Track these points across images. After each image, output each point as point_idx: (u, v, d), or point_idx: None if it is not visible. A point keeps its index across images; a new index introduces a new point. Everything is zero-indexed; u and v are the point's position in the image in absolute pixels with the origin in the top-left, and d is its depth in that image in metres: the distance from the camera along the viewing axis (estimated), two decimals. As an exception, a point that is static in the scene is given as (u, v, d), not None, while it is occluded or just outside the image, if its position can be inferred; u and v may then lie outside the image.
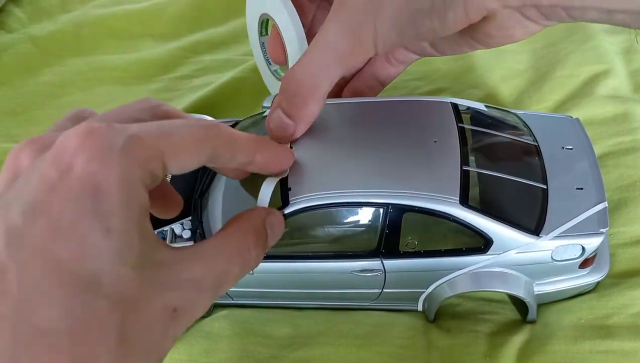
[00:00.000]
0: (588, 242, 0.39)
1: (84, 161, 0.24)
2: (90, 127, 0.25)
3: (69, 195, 0.24)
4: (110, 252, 0.24)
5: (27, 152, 0.27)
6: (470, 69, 0.63)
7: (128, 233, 0.25)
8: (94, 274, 0.24)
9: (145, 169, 0.26)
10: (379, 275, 0.41)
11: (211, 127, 0.30)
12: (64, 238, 0.24)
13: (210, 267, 0.28)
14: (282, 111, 0.38)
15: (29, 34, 0.77)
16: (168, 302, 0.26)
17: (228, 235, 0.31)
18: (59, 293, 0.23)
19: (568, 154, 0.44)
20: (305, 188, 0.39)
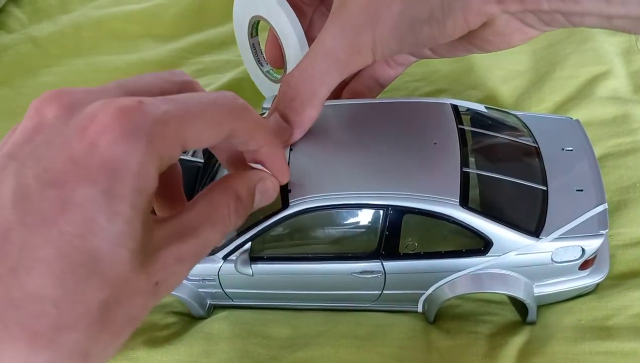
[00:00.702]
0: (588, 243, 0.39)
1: (109, 141, 0.25)
2: (122, 105, 0.26)
3: (87, 172, 0.25)
4: (113, 234, 0.25)
5: (54, 105, 0.27)
6: (470, 70, 0.63)
7: (132, 219, 0.25)
8: (94, 252, 0.24)
9: (165, 156, 0.27)
10: (379, 276, 0.41)
11: (235, 107, 0.30)
12: (71, 213, 0.24)
13: (195, 242, 0.29)
14: (280, 115, 0.38)
15: (29, 34, 0.77)
16: (151, 278, 0.27)
17: (212, 201, 0.31)
18: (56, 264, 0.24)
19: (568, 156, 0.44)
20: (305, 190, 0.39)
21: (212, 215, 0.31)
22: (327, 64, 0.36)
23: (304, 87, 0.37)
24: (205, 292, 0.45)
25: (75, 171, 0.25)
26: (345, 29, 0.35)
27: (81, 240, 0.24)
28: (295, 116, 0.38)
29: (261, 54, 0.50)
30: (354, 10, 0.35)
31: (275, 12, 0.43)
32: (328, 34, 0.36)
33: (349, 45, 0.35)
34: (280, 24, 0.44)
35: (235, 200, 0.32)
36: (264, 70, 0.50)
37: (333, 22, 0.36)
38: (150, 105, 0.26)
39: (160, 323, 0.48)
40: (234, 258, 0.41)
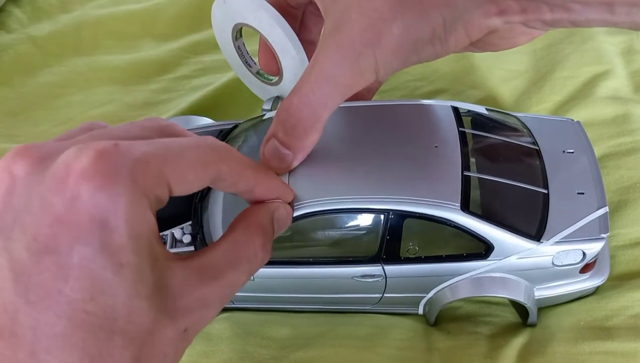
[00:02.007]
0: (589, 247, 0.39)
1: (90, 191, 0.24)
2: (98, 148, 0.24)
3: (77, 230, 0.24)
4: (123, 288, 0.24)
5: (23, 163, 0.25)
6: (470, 70, 0.63)
7: (139, 265, 0.24)
8: (108, 311, 0.24)
9: (151, 195, 0.25)
10: (379, 280, 0.41)
11: (219, 149, 0.30)
12: (74, 277, 0.23)
13: (220, 283, 0.28)
14: (279, 141, 0.37)
15: (29, 34, 0.77)
16: (179, 326, 0.26)
17: (236, 240, 0.31)
18: (73, 335, 0.23)
19: (569, 158, 0.44)
20: (306, 195, 0.39)
21: (237, 256, 0.30)
22: (329, 89, 0.36)
23: (305, 113, 0.36)
24: (207, 294, 0.45)
25: (65, 232, 0.24)
26: (345, 52, 0.34)
27: (92, 303, 0.23)
28: (297, 142, 0.37)
29: (248, 55, 0.49)
30: (352, 33, 0.34)
31: (267, 23, 0.42)
32: (327, 59, 0.35)
33: (350, 69, 0.35)
34: (274, 35, 0.43)
35: (262, 236, 0.32)
36: (253, 71, 0.49)
37: (330, 46, 0.35)
38: (128, 146, 0.25)
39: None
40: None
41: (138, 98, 0.68)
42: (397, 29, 0.33)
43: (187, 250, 0.44)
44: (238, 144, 0.47)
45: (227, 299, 0.30)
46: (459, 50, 0.35)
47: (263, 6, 0.42)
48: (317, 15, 0.45)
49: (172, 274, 0.26)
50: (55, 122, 0.66)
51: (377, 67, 0.35)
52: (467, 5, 0.32)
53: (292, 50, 0.43)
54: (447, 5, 0.32)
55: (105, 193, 0.24)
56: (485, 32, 0.34)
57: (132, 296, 0.24)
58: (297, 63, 0.44)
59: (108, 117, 0.65)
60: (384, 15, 0.33)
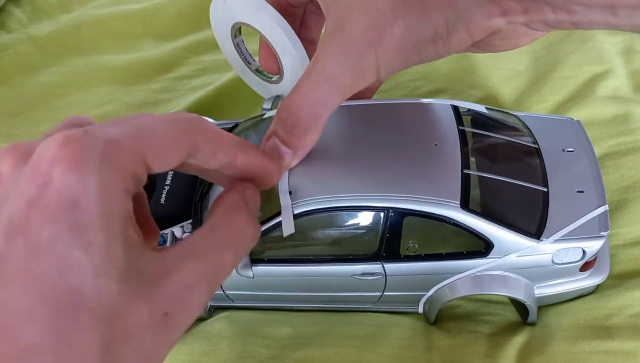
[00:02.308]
0: (589, 245, 0.39)
1: (60, 174, 0.24)
2: (66, 135, 0.25)
3: (47, 211, 0.24)
4: (91, 266, 0.24)
5: (9, 160, 0.26)
6: (470, 70, 0.63)
7: (109, 245, 0.24)
8: (76, 289, 0.23)
9: (126, 174, 0.25)
10: (379, 278, 0.41)
11: (192, 120, 0.29)
12: (43, 256, 0.23)
13: (200, 265, 0.28)
14: (279, 140, 0.37)
15: (29, 34, 0.77)
16: (157, 309, 0.25)
17: (216, 223, 0.30)
18: (41, 311, 0.23)
19: (569, 156, 0.44)
20: (305, 193, 0.39)
21: (218, 236, 0.30)
22: (330, 89, 0.35)
23: (306, 112, 0.36)
24: (206, 293, 0.45)
25: (36, 213, 0.24)
26: (346, 52, 0.34)
27: (60, 280, 0.23)
28: (297, 141, 0.37)
29: (247, 52, 0.49)
30: (353, 32, 0.34)
31: (267, 25, 0.42)
32: (328, 58, 0.35)
33: (352, 69, 0.35)
34: (274, 35, 0.43)
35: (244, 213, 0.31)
36: (252, 68, 0.49)
37: (331, 45, 0.35)
38: (97, 129, 0.26)
39: (161, 324, 0.48)
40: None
41: (138, 98, 0.68)
42: (399, 29, 0.33)
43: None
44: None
45: (213, 282, 0.28)
46: (461, 50, 0.35)
47: (263, 7, 0.42)
48: (317, 14, 0.45)
49: (148, 257, 0.26)
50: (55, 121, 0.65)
51: (378, 67, 0.35)
52: (469, 6, 0.32)
53: (293, 50, 0.43)
54: (449, 6, 0.32)
55: (75, 174, 0.24)
56: (488, 33, 0.34)
57: (100, 275, 0.24)
58: (298, 62, 0.44)
59: (108, 117, 0.65)
60: (386, 15, 0.33)
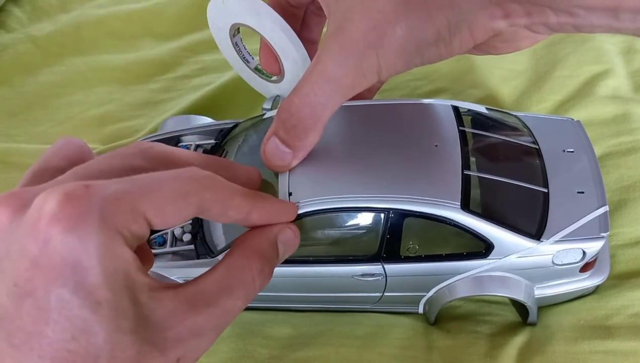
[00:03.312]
0: (589, 246, 0.39)
1: (60, 233, 0.24)
2: (66, 191, 0.25)
3: (52, 273, 0.24)
4: (102, 325, 0.24)
5: (7, 209, 0.26)
6: (470, 70, 0.63)
7: (118, 301, 0.25)
8: (90, 349, 0.24)
9: (126, 232, 0.25)
10: (379, 279, 0.41)
11: (201, 179, 0.29)
12: (53, 319, 0.24)
13: (213, 310, 0.28)
14: (280, 140, 0.37)
15: (29, 33, 0.77)
16: (170, 356, 0.26)
17: (232, 266, 0.30)
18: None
19: (569, 157, 0.44)
20: (305, 193, 0.39)
21: (231, 282, 0.30)
22: (331, 90, 0.35)
23: (306, 113, 0.36)
24: (207, 293, 0.45)
25: (41, 275, 0.24)
26: (347, 53, 0.34)
27: (74, 342, 0.24)
28: (297, 141, 0.37)
29: (245, 50, 0.49)
30: (354, 34, 0.34)
31: (269, 27, 0.42)
32: (329, 59, 0.35)
33: (353, 70, 0.35)
34: (275, 38, 0.43)
35: (259, 261, 0.31)
36: (251, 66, 0.49)
37: (332, 46, 0.35)
38: (98, 186, 0.25)
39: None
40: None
41: (138, 98, 0.68)
42: (400, 31, 0.33)
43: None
44: (238, 143, 0.47)
45: (222, 327, 0.29)
46: (462, 52, 0.35)
47: (264, 10, 0.42)
48: (318, 15, 0.45)
49: (159, 304, 0.26)
50: (55, 121, 0.66)
51: (379, 68, 0.35)
52: (471, 8, 0.32)
53: (294, 52, 0.43)
54: (451, 7, 0.32)
55: (75, 235, 0.24)
56: (490, 35, 0.34)
57: (112, 331, 0.24)
58: (299, 64, 0.44)
59: (108, 116, 0.65)
60: (388, 16, 0.33)
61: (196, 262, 0.43)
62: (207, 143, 0.50)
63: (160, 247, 0.44)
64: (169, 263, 0.43)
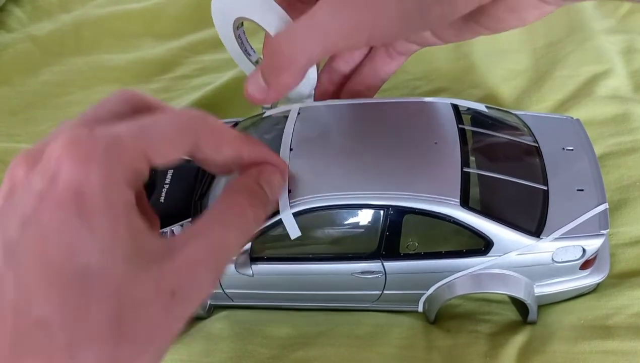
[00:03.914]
0: (589, 243, 0.39)
1: (67, 169, 0.26)
2: (72, 135, 0.27)
3: (55, 201, 0.26)
4: (97, 247, 0.25)
5: (23, 166, 0.28)
6: (470, 69, 0.63)
7: (114, 229, 0.26)
8: (84, 269, 0.25)
9: (128, 168, 0.27)
10: (379, 276, 0.41)
11: (195, 116, 0.31)
12: (53, 241, 0.25)
13: (205, 243, 0.29)
14: (262, 74, 0.38)
15: (29, 33, 0.77)
16: (164, 287, 0.27)
17: (220, 203, 0.32)
18: (53, 289, 0.25)
19: (569, 155, 0.44)
20: (305, 191, 0.39)
21: (223, 216, 0.31)
22: (312, 34, 0.35)
23: (283, 50, 0.36)
24: (206, 292, 0.45)
25: (46, 206, 0.26)
26: (342, 6, 0.34)
27: (68, 261, 0.25)
28: (272, 78, 0.38)
29: (247, 44, 0.49)
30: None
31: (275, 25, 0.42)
32: (321, 9, 0.34)
33: (343, 22, 0.34)
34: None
35: (248, 195, 0.32)
36: (252, 60, 0.49)
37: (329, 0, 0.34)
38: (101, 128, 0.27)
39: (161, 323, 0.48)
40: (234, 259, 0.41)
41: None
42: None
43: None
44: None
45: (219, 260, 0.30)
46: (467, 10, 0.33)
47: (271, 6, 0.41)
48: None
49: (154, 238, 0.28)
50: (55, 121, 0.66)
51: (373, 27, 0.34)
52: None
53: None
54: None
55: (80, 168, 0.26)
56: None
57: (105, 254, 0.25)
58: None
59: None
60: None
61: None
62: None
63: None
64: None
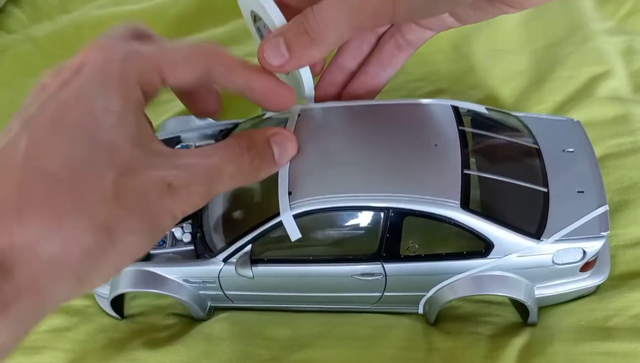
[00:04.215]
0: (589, 245, 0.39)
1: (93, 60, 0.30)
2: (96, 42, 0.32)
3: (77, 81, 0.30)
4: (109, 122, 0.29)
5: (50, 73, 0.32)
6: (470, 70, 0.63)
7: (124, 114, 0.30)
8: (95, 136, 0.29)
9: (142, 76, 0.31)
10: (379, 278, 0.41)
11: (209, 45, 0.34)
12: (71, 107, 0.29)
13: (203, 159, 0.32)
14: (284, 40, 0.37)
15: (29, 34, 0.77)
16: (162, 176, 0.30)
17: (224, 141, 0.35)
18: (63, 147, 0.28)
19: (569, 157, 0.44)
20: (305, 192, 0.39)
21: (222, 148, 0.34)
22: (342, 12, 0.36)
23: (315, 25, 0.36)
24: (206, 294, 0.45)
25: (69, 86, 0.30)
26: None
27: (81, 126, 0.29)
28: (298, 48, 0.37)
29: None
30: None
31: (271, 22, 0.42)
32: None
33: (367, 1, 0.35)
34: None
35: (247, 141, 0.35)
36: None
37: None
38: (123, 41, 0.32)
39: (160, 325, 0.48)
40: (234, 261, 0.41)
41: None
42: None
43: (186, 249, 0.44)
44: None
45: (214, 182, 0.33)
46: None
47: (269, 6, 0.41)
48: None
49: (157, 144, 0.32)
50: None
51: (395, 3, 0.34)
52: None
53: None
54: None
55: (104, 63, 0.30)
56: None
57: (117, 131, 0.29)
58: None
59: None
60: None
61: (196, 261, 0.43)
62: (207, 143, 0.50)
63: (160, 248, 0.44)
64: (169, 264, 0.43)
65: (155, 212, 0.30)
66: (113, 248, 0.29)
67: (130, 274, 0.44)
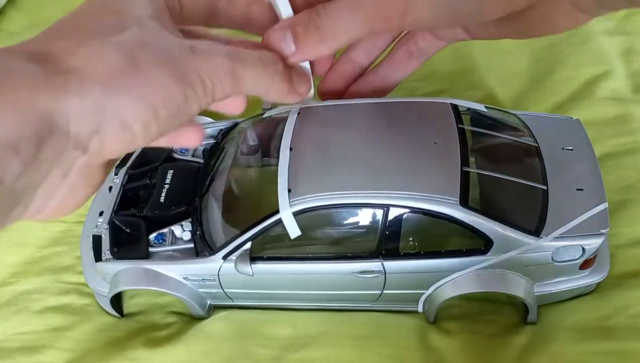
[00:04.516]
0: (588, 242, 0.39)
1: None
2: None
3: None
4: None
5: None
6: (470, 70, 0.63)
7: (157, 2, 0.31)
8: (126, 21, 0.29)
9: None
10: (379, 276, 0.41)
11: None
12: None
13: (227, 49, 0.31)
14: (292, 32, 0.37)
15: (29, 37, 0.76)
16: (184, 42, 0.30)
17: (254, 44, 0.36)
18: None
19: (568, 155, 0.44)
20: (305, 190, 0.39)
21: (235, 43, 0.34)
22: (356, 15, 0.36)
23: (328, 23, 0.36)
24: (205, 292, 0.45)
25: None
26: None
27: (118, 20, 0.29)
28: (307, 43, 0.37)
29: None
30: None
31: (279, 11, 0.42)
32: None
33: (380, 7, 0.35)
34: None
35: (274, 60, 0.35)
36: None
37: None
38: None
39: (160, 323, 0.48)
40: (234, 258, 0.41)
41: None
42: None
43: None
44: (238, 142, 0.47)
45: (235, 55, 0.32)
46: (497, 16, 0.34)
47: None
48: None
49: (178, 32, 0.32)
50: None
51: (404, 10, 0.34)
52: None
53: None
54: None
55: None
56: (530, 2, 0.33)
57: (145, 16, 0.30)
58: None
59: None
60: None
61: (195, 259, 0.43)
62: (207, 142, 0.50)
63: (159, 246, 0.44)
64: (168, 261, 0.43)
65: (178, 60, 0.29)
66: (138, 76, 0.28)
67: (130, 272, 0.44)
